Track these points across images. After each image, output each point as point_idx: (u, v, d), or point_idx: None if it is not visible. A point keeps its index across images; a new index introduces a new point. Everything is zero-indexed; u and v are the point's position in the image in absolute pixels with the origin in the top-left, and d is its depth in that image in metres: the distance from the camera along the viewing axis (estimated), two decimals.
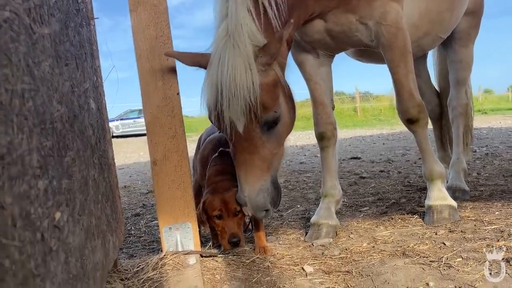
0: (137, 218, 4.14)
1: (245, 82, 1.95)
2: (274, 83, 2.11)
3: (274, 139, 2.18)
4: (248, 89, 1.95)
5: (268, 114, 2.07)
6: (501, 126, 12.79)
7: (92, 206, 1.28)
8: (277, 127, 2.17)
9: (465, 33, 3.61)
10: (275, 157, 2.22)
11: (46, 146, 0.88)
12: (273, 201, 2.23)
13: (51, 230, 0.84)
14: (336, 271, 2.09)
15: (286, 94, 2.22)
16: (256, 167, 2.13)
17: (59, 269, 0.85)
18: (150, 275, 1.96)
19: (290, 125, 2.32)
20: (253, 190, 2.13)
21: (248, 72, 1.96)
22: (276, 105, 2.11)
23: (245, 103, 1.97)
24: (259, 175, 2.14)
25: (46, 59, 0.98)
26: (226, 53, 2.00)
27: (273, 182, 2.23)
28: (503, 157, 5.69)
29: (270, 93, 2.07)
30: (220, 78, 1.99)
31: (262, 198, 2.16)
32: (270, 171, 2.19)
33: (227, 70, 1.97)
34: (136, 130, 23.61)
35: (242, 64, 1.96)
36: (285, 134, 2.28)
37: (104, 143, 1.70)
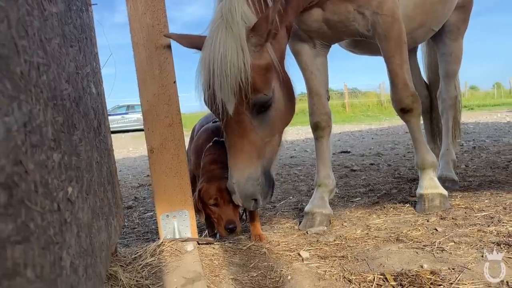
0: (129, 211, 4.14)
1: (236, 62, 1.96)
2: (267, 67, 2.09)
3: (266, 126, 2.16)
4: (239, 69, 1.95)
5: (257, 95, 2.04)
6: (487, 121, 13.00)
7: (96, 187, 1.29)
8: (269, 113, 2.14)
9: (455, 26, 3.68)
10: (267, 145, 2.19)
11: (58, 121, 0.89)
12: (263, 192, 2.19)
13: (65, 202, 0.85)
14: (332, 256, 2.13)
15: (282, 81, 2.19)
16: (245, 153, 2.11)
17: (73, 241, 0.86)
18: (149, 261, 1.97)
19: (286, 115, 2.27)
20: (241, 176, 2.12)
21: (239, 53, 1.97)
22: (267, 88, 2.08)
23: (236, 83, 1.97)
24: (248, 161, 2.12)
25: (55, 37, 0.99)
26: (219, 34, 2.02)
27: (265, 173, 2.20)
28: (490, 150, 5.80)
29: (262, 75, 2.06)
30: (213, 58, 2.00)
31: (251, 187, 2.13)
32: (261, 159, 2.16)
33: (219, 51, 1.98)
34: (124, 126, 23.41)
35: (234, 45, 1.97)
36: (279, 123, 2.23)
37: (104, 128, 1.71)
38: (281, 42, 2.25)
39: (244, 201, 2.18)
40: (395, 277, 1.74)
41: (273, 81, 2.13)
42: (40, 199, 0.68)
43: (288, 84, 2.28)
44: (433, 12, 3.17)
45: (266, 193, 2.21)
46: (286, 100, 2.24)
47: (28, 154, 0.65)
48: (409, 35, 2.93)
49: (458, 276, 1.69)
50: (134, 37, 2.24)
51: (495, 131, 9.05)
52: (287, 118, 2.30)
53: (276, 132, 2.24)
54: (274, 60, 2.10)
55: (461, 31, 3.74)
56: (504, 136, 7.77)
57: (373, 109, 25.67)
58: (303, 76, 2.95)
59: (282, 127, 2.30)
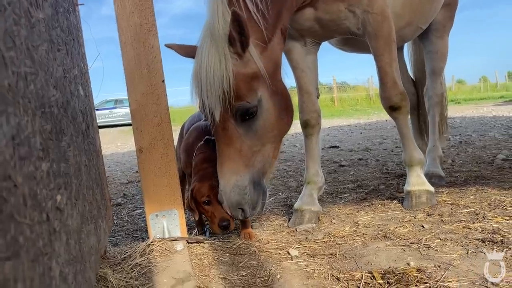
0: (118, 208, 4.13)
1: (218, 70, 2.00)
2: (253, 75, 2.10)
3: (254, 135, 2.15)
4: (222, 77, 2.00)
5: (239, 102, 2.06)
6: (473, 115, 13.17)
7: (85, 191, 1.29)
8: (256, 122, 2.14)
9: (441, 24, 3.72)
10: (256, 155, 2.17)
11: (46, 130, 0.89)
12: (251, 201, 2.18)
13: (54, 211, 0.85)
14: (321, 254, 2.15)
15: (273, 91, 2.18)
16: (232, 161, 2.12)
17: (62, 250, 0.86)
18: (138, 261, 1.97)
19: (279, 125, 2.23)
20: (227, 184, 2.13)
21: (222, 61, 2.01)
22: (250, 96, 2.09)
23: (220, 90, 2.01)
24: (234, 169, 2.12)
25: (42, 43, 0.98)
26: (204, 45, 2.08)
27: (254, 182, 2.18)
28: (476, 145, 5.88)
29: (245, 83, 2.07)
30: (200, 68, 2.07)
31: (237, 195, 2.12)
32: (250, 168, 2.15)
33: (205, 60, 2.04)
34: (112, 121, 23.23)
35: (217, 54, 2.02)
36: (269, 133, 2.20)
37: (92, 130, 1.70)
38: (275, 49, 2.24)
39: (230, 210, 2.19)
40: (382, 275, 1.77)
41: (259, 90, 2.13)
42: (29, 211, 0.69)
43: (282, 94, 2.26)
44: (421, 10, 3.20)
45: (255, 203, 2.20)
46: (279, 110, 2.21)
47: (17, 167, 0.66)
48: (397, 33, 2.95)
49: (444, 273, 1.72)
50: (121, 36, 2.23)
51: (481, 126, 9.18)
52: (281, 128, 2.26)
53: (267, 142, 2.21)
54: (261, 69, 2.10)
55: (446, 29, 3.79)
56: (489, 130, 7.89)
57: (361, 103, 25.82)
58: (294, 74, 2.96)
59: (274, 138, 2.25)
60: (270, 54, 2.20)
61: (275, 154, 2.30)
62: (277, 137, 2.27)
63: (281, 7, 2.26)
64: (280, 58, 2.31)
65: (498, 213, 2.41)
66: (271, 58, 2.21)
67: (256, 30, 2.12)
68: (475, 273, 1.70)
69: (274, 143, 2.26)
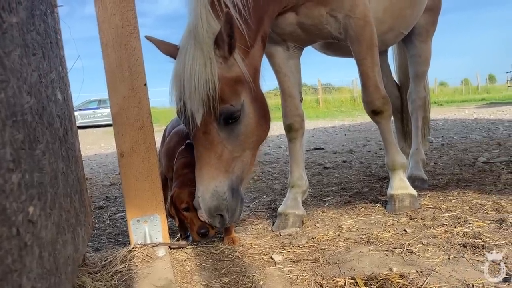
0: (100, 211, 4.06)
1: (203, 73, 1.98)
2: (237, 79, 2.09)
3: (235, 140, 2.13)
4: (207, 80, 1.98)
5: (224, 106, 2.05)
6: (455, 117, 13.37)
7: (62, 200, 1.25)
8: (238, 127, 2.12)
9: (424, 29, 3.76)
10: (236, 161, 2.15)
11: (18, 139, 0.86)
12: (230, 208, 2.14)
13: (26, 224, 0.82)
14: (304, 259, 2.14)
15: (254, 97, 2.17)
16: (212, 166, 2.09)
17: (34, 264, 0.83)
18: (119, 268, 1.93)
19: (258, 131, 2.22)
20: (206, 189, 2.09)
21: (207, 64, 1.99)
22: (234, 99, 2.08)
23: (204, 94, 1.99)
24: (214, 174, 2.08)
25: (15, 48, 0.94)
26: (188, 48, 2.06)
27: (233, 189, 2.14)
28: (457, 147, 5.96)
29: (229, 87, 2.07)
30: (183, 71, 2.04)
31: (216, 201, 2.09)
32: (229, 174, 2.12)
33: (188, 63, 2.02)
34: (96, 121, 22.99)
35: (201, 57, 2.00)
36: (250, 139, 2.18)
37: (71, 134, 1.66)
38: (255, 56, 2.23)
39: (209, 216, 2.14)
40: (365, 281, 1.77)
41: (242, 94, 2.12)
42: None
43: (261, 101, 2.25)
44: (402, 16, 3.23)
45: (234, 210, 2.16)
46: (258, 117, 2.20)
47: None
48: (379, 38, 2.97)
49: (426, 279, 1.73)
50: (103, 38, 2.18)
51: (463, 128, 9.31)
52: (260, 135, 2.25)
53: (247, 148, 2.19)
54: (245, 73, 2.09)
55: (429, 33, 3.83)
56: (471, 133, 8.01)
57: (346, 105, 26.03)
58: (277, 78, 2.96)
59: (253, 144, 2.23)
60: (251, 60, 2.19)
61: (252, 161, 2.28)
62: (256, 143, 2.26)
63: (263, 14, 2.25)
64: (259, 64, 2.30)
65: (479, 217, 2.44)
66: (252, 64, 2.20)
67: (239, 35, 2.10)
68: (457, 278, 1.71)
69: (253, 149, 2.25)
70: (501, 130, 8.03)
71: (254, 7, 2.16)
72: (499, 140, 6.40)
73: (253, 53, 2.21)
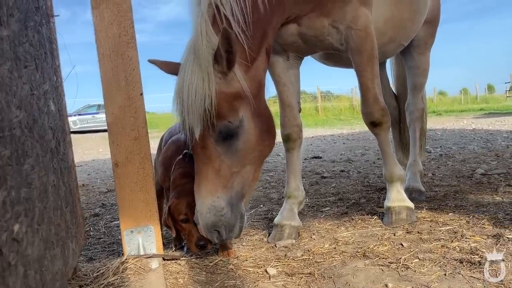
0: (96, 219, 4.03)
1: (201, 89, 1.98)
2: (236, 95, 2.08)
3: (233, 155, 2.10)
4: (204, 96, 1.97)
5: (221, 122, 2.03)
6: (454, 127, 13.39)
7: (51, 214, 1.23)
8: (237, 143, 2.09)
9: (422, 41, 3.77)
10: (235, 176, 2.12)
11: (4, 156, 0.84)
12: (228, 224, 2.11)
13: (10, 243, 0.80)
14: (299, 273, 2.12)
15: (255, 112, 2.14)
16: (209, 181, 2.07)
17: (18, 284, 0.81)
18: (111, 280, 1.91)
19: (260, 146, 2.18)
20: (203, 204, 2.07)
21: (205, 80, 1.98)
22: (232, 116, 2.06)
23: (201, 109, 1.98)
24: (211, 189, 2.06)
25: (5, 62, 0.93)
26: (187, 63, 2.06)
27: (233, 205, 2.12)
28: (455, 158, 5.96)
29: (228, 103, 2.05)
30: (182, 86, 2.04)
31: (213, 216, 2.06)
32: (228, 190, 2.09)
33: (187, 78, 2.02)
34: (94, 126, 22.97)
35: (200, 72, 2.00)
36: (250, 154, 2.15)
37: (64, 145, 1.64)
38: (259, 69, 2.21)
39: (206, 232, 2.11)
40: None
41: (241, 109, 2.10)
42: None
43: (265, 115, 2.22)
44: (403, 27, 3.24)
45: (232, 226, 2.13)
46: (260, 132, 2.16)
47: None
48: (380, 49, 2.96)
49: None
50: (99, 47, 2.17)
51: (461, 138, 9.32)
52: (262, 150, 2.21)
53: (247, 163, 2.15)
54: (245, 89, 2.07)
55: (428, 45, 3.84)
56: (469, 143, 8.01)
57: (345, 113, 26.07)
58: (276, 88, 2.95)
59: (255, 160, 2.19)
60: (254, 74, 2.17)
61: (255, 177, 2.25)
62: (258, 159, 2.22)
63: (266, 27, 2.23)
64: (263, 78, 2.28)
65: (476, 232, 2.42)
66: (255, 78, 2.18)
67: (240, 49, 2.09)
68: None
69: (255, 165, 2.21)
70: (499, 141, 8.03)
71: (256, 20, 2.14)
72: (497, 151, 6.40)
73: (256, 67, 2.19)
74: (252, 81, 2.14)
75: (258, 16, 2.15)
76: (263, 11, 2.16)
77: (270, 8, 2.20)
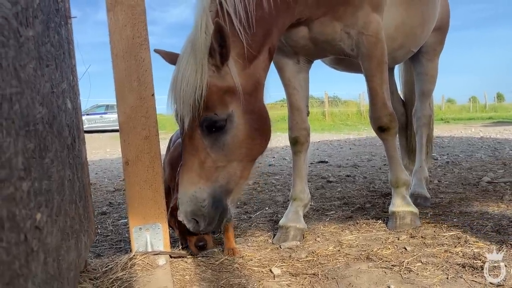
0: (103, 217, 4.09)
1: (193, 80, 2.01)
2: (227, 89, 2.09)
3: (220, 149, 2.11)
4: (195, 87, 2.01)
5: (207, 113, 2.06)
6: (462, 135, 13.34)
7: (67, 207, 1.29)
8: (224, 137, 2.10)
9: (431, 48, 3.80)
10: (220, 170, 2.13)
11: (29, 148, 0.89)
12: (208, 216, 2.12)
13: (33, 231, 0.85)
14: (303, 273, 2.15)
15: (248, 108, 2.14)
16: (193, 171, 2.10)
17: (39, 269, 0.86)
18: (120, 275, 1.96)
19: (250, 145, 2.18)
20: (185, 194, 2.10)
21: (198, 71, 2.02)
22: (220, 109, 2.08)
23: (191, 99, 2.02)
24: (194, 180, 2.09)
25: (31, 61, 0.99)
26: (184, 55, 2.10)
27: (215, 198, 2.13)
28: (462, 166, 5.96)
29: (217, 96, 2.07)
30: (177, 76, 2.09)
31: (193, 206, 2.09)
32: (211, 183, 2.11)
33: (182, 69, 2.07)
34: (103, 126, 23.12)
35: (194, 64, 2.03)
36: (238, 151, 2.14)
37: (78, 142, 1.70)
38: (258, 67, 2.22)
39: (184, 219, 2.14)
40: None
41: (231, 105, 2.11)
42: (6, 234, 0.69)
43: (260, 114, 2.23)
44: (413, 34, 3.27)
45: (211, 219, 2.14)
46: (251, 130, 2.16)
47: None
48: (390, 55, 3.00)
49: None
50: (113, 48, 2.24)
51: (469, 146, 9.29)
52: (251, 148, 2.20)
53: (234, 159, 2.15)
54: (237, 84, 2.08)
55: (437, 52, 3.86)
56: (477, 151, 7.99)
57: (352, 118, 26.04)
58: (285, 91, 2.99)
59: (242, 157, 2.18)
60: (252, 71, 2.18)
61: (244, 175, 2.23)
62: (246, 156, 2.20)
63: (270, 27, 2.25)
64: (262, 77, 2.28)
65: (480, 238, 2.45)
66: (252, 76, 2.19)
67: (239, 46, 2.11)
68: None
69: (243, 162, 2.19)
70: (507, 149, 8.01)
71: (259, 18, 2.16)
72: (504, 160, 6.39)
73: (256, 65, 2.20)
74: (248, 78, 2.15)
75: (261, 14, 2.17)
76: (267, 10, 2.18)
77: (275, 7, 2.21)
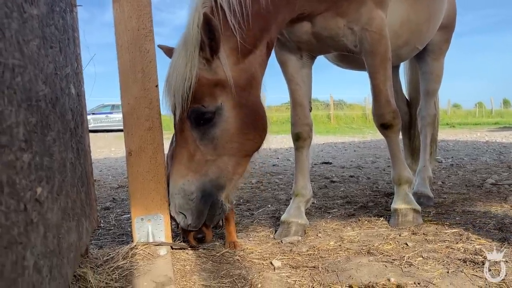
0: (106, 212, 4.11)
1: (183, 72, 2.04)
2: (217, 82, 2.09)
3: (210, 142, 2.11)
4: (184, 79, 2.03)
5: (195, 105, 2.07)
6: (467, 139, 13.28)
7: (68, 188, 1.30)
8: (213, 130, 2.10)
9: (437, 46, 3.78)
10: (210, 164, 2.12)
11: (31, 122, 0.90)
12: (196, 209, 2.12)
13: (33, 202, 0.86)
14: (303, 266, 2.15)
15: (240, 102, 2.13)
16: (182, 164, 2.11)
17: (38, 241, 0.87)
18: (120, 263, 1.97)
19: (237, 137, 2.14)
20: (174, 186, 2.12)
21: (188, 64, 2.04)
22: (208, 101, 2.07)
23: (181, 90, 2.04)
24: (183, 172, 2.11)
25: (34, 39, 1.00)
26: (178, 46, 2.14)
27: (205, 192, 2.13)
28: (467, 169, 5.93)
29: (207, 88, 2.07)
30: (169, 69, 2.14)
31: (181, 198, 2.10)
32: (200, 176, 2.11)
33: (174, 61, 2.11)
34: (108, 126, 23.21)
35: (185, 57, 2.06)
36: (228, 145, 2.13)
37: (81, 129, 1.72)
38: (253, 62, 2.19)
39: (173, 213, 2.17)
40: None
41: (220, 97, 2.10)
42: (5, 199, 0.70)
43: (253, 109, 2.20)
44: (419, 30, 3.25)
45: (200, 213, 2.14)
46: (242, 124, 2.14)
47: None
48: (394, 52, 2.99)
49: None
50: (118, 39, 2.25)
51: (474, 150, 9.25)
52: (243, 143, 2.17)
53: (224, 154, 2.14)
54: (228, 78, 2.07)
55: (443, 51, 3.85)
56: (482, 155, 7.95)
57: (357, 122, 25.99)
58: (288, 87, 2.99)
59: (233, 152, 2.16)
60: (246, 66, 2.16)
61: (237, 171, 2.21)
62: (238, 151, 2.17)
63: (268, 21, 2.23)
64: (258, 72, 2.24)
65: (482, 235, 2.44)
66: (246, 70, 2.17)
67: (233, 40, 2.10)
68: None
69: (235, 157, 2.17)
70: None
71: (255, 13, 2.14)
72: (509, 163, 6.35)
73: (251, 59, 2.19)
74: (241, 73, 2.14)
75: (258, 9, 2.16)
76: (264, 5, 2.17)
77: (273, 2, 2.20)
